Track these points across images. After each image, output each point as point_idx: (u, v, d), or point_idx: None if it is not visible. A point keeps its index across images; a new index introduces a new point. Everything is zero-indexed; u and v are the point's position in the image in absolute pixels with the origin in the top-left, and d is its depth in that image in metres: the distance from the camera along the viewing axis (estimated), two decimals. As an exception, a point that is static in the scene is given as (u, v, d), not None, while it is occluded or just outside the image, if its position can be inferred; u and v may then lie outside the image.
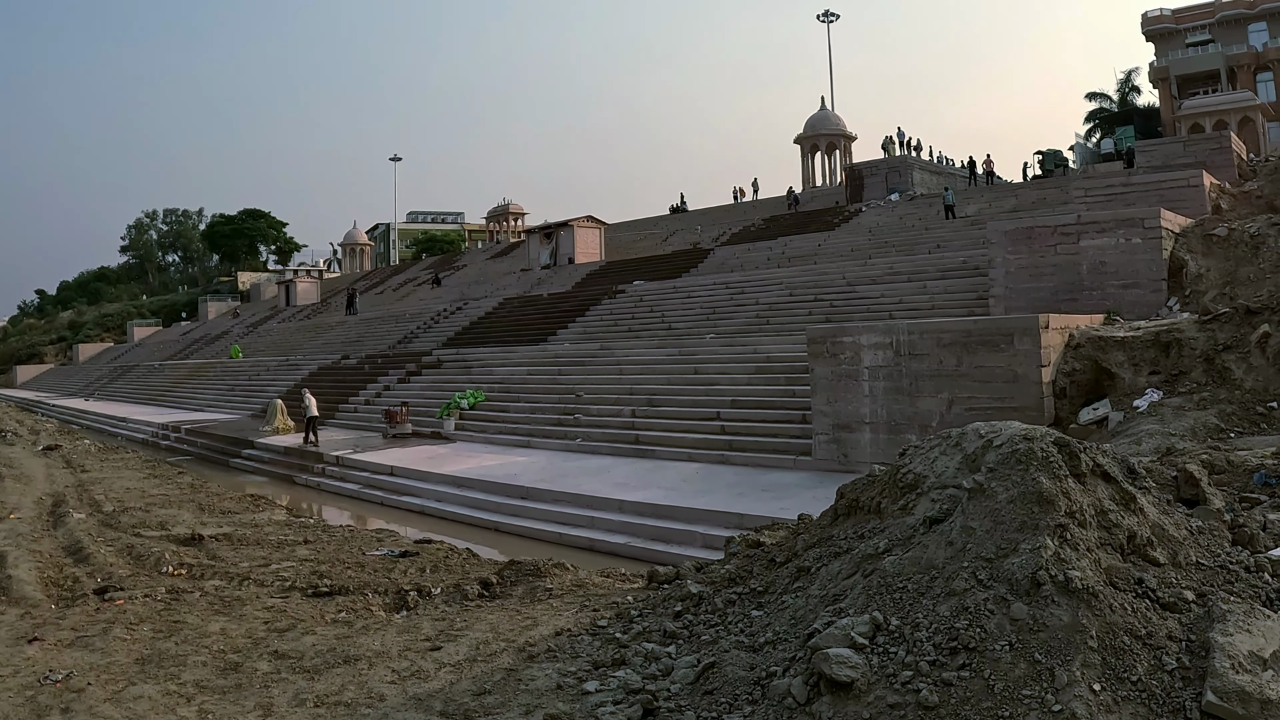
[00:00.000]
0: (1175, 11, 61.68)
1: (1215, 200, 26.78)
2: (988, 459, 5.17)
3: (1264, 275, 20.83)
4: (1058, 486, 4.79)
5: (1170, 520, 5.21)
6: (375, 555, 12.95)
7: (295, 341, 58.72)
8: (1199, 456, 7.36)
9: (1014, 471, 4.94)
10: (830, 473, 17.14)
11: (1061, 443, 5.19)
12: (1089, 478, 5.01)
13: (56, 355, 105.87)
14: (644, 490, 17.06)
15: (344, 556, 12.91)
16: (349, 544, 14.17)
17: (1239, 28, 59.09)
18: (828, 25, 69.78)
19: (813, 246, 39.77)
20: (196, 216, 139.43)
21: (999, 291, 23.42)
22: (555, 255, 56.05)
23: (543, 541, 15.94)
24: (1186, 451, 8.10)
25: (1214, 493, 5.86)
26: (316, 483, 23.81)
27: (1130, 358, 15.72)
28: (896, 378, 16.69)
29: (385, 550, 13.41)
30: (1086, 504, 4.83)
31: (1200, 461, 7.10)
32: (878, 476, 6.03)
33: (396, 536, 15.63)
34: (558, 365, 29.54)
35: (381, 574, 11.46)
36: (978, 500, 4.93)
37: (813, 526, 6.47)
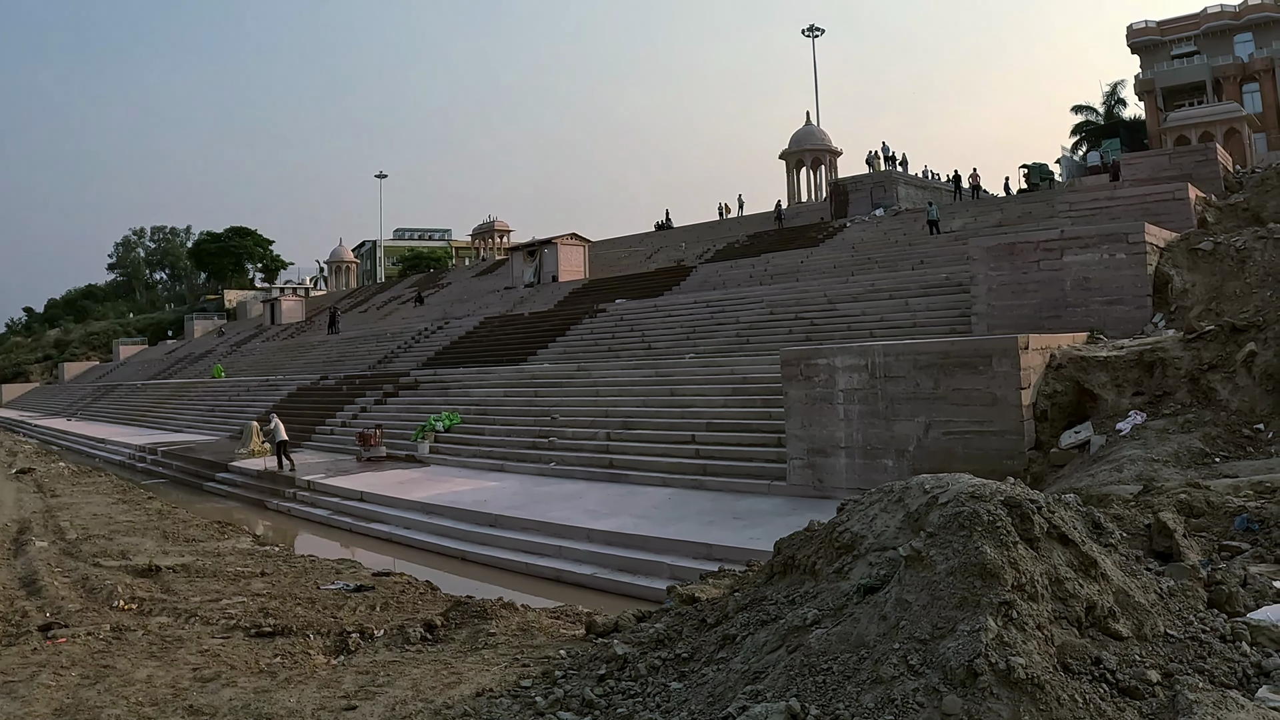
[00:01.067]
0: (1160, 23, 61.44)
1: (1201, 213, 26.31)
2: (930, 520, 4.59)
3: (1250, 290, 20.31)
4: (1004, 556, 4.20)
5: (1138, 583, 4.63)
6: (330, 589, 12.55)
7: (277, 361, 58.22)
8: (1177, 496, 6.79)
9: (956, 538, 4.37)
10: (805, 498, 16.70)
11: (1013, 503, 4.60)
12: (1044, 542, 4.43)
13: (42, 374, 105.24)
14: (614, 518, 16.53)
15: (298, 591, 12.53)
16: (307, 576, 13.81)
17: (1225, 39, 58.86)
18: (813, 40, 69.51)
19: (795, 263, 39.29)
20: (184, 234, 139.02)
21: (981, 309, 22.88)
22: (539, 273, 55.63)
23: (510, 571, 15.55)
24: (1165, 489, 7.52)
25: (1189, 545, 5.28)
26: (287, 508, 23.29)
27: (1113, 378, 15.17)
28: (872, 401, 16.13)
29: (341, 584, 12.93)
30: (1039, 573, 4.24)
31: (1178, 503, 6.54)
32: (816, 532, 5.45)
33: (357, 568, 15.08)
34: (534, 387, 28.94)
35: (330, 612, 11.10)
36: (915, 570, 4.35)
37: (748, 584, 5.89)
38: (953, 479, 4.96)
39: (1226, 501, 6.47)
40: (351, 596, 12.06)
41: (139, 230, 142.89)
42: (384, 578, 13.67)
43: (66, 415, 63.75)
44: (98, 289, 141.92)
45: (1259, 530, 5.77)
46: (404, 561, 16.87)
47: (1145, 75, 58.91)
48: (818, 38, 69.23)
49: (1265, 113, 54.11)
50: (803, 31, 69.03)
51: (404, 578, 13.66)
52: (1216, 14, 59.51)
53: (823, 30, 69.01)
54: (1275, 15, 57.55)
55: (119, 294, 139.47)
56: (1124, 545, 5.17)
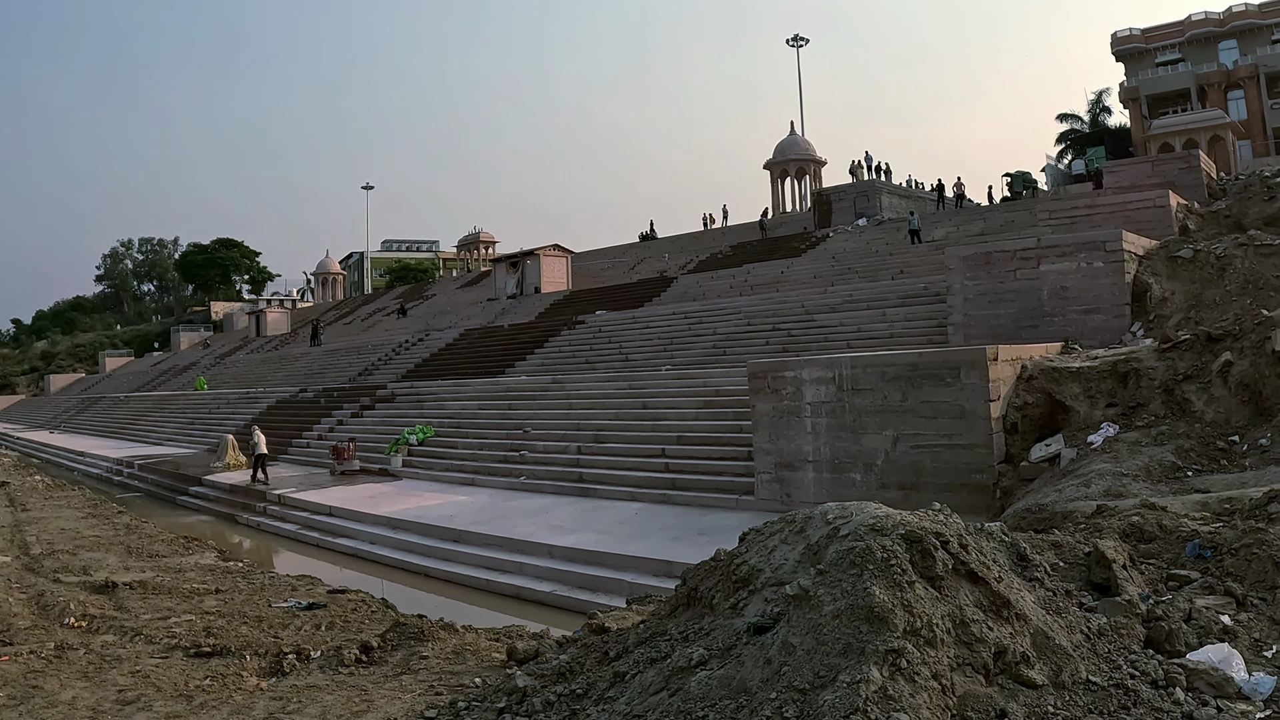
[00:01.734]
0: (1145, 31, 61.23)
1: (1182, 221, 25.97)
2: (828, 555, 4.14)
3: (1230, 298, 19.93)
4: (896, 598, 3.74)
5: (1062, 623, 4.18)
6: (281, 607, 12.21)
7: (260, 373, 57.82)
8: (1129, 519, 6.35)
9: (845, 577, 3.91)
10: (773, 514, 15.99)
11: (914, 537, 4.13)
12: (948, 580, 3.98)
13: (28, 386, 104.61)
14: (577, 534, 16.18)
15: (248, 609, 12.16)
16: (262, 593, 13.45)
17: (1209, 46, 58.70)
18: (797, 50, 69.26)
19: (776, 274, 38.92)
20: (172, 246, 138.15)
21: (957, 319, 22.50)
22: (521, 285, 55.22)
23: (471, 588, 15.33)
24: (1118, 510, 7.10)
25: (1128, 578, 4.81)
26: (257, 522, 23.03)
27: (1086, 389, 14.75)
28: (840, 414, 15.70)
29: (293, 602, 12.53)
30: (940, 615, 3.79)
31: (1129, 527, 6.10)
32: (720, 562, 5.01)
33: (314, 585, 14.56)
34: (508, 399, 28.53)
35: (274, 631, 10.80)
36: (803, 610, 3.89)
37: (651, 617, 5.44)
38: (859, 509, 4.50)
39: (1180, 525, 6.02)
40: (300, 615, 11.77)
41: (127, 242, 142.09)
42: (339, 595, 13.29)
43: (50, 428, 63.48)
44: (85, 301, 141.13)
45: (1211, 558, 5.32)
46: (368, 577, 16.61)
47: (1130, 83, 58.69)
48: (802, 47, 69.06)
49: (1250, 120, 53.90)
50: (787, 41, 68.90)
51: (360, 595, 13.29)
52: (1201, 21, 59.36)
53: (807, 40, 68.86)
54: (1259, 22, 57.47)
55: (107, 306, 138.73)
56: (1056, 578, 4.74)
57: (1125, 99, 59.00)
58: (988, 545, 4.40)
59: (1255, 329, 14.04)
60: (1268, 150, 51.37)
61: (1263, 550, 5.04)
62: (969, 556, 4.12)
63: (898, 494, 14.84)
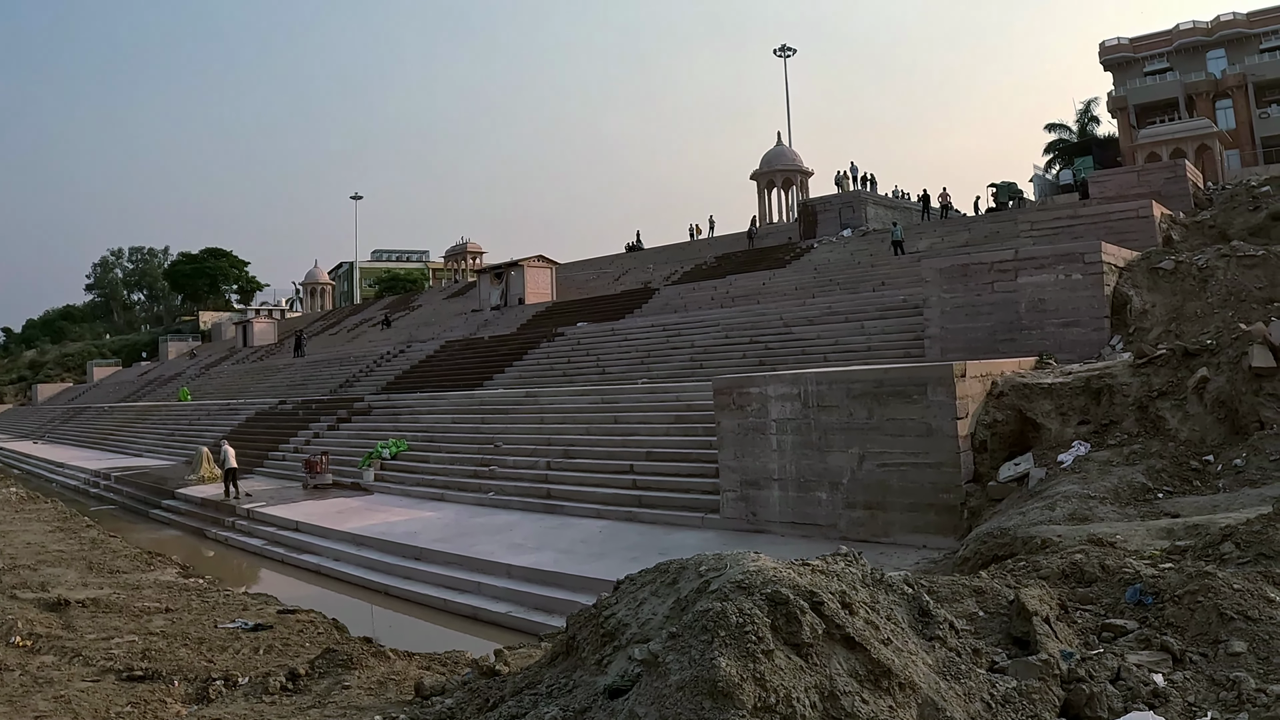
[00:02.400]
0: (1133, 40, 60.83)
1: (1166, 231, 25.52)
2: (687, 615, 3.62)
3: (1211, 310, 19.48)
4: (746, 670, 3.22)
5: (960, 690, 3.65)
6: (227, 628, 11.95)
7: (243, 384, 57.38)
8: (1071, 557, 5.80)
9: (695, 644, 3.40)
10: (738, 533, 15.94)
11: (778, 599, 3.61)
12: (819, 647, 3.47)
13: (16, 395, 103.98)
14: (538, 553, 15.79)
15: (192, 630, 11.86)
16: (213, 612, 13.12)
17: (1197, 55, 58.32)
18: (784, 60, 68.82)
19: (758, 285, 38.47)
20: (163, 255, 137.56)
21: (934, 332, 22.03)
22: (506, 296, 54.80)
23: (428, 607, 15.10)
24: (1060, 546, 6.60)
25: (1048, 633, 4.26)
26: (225, 537, 22.76)
27: (1058, 406, 14.26)
28: (805, 431, 15.21)
29: (240, 623, 12.18)
30: (803, 689, 3.26)
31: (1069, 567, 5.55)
32: (593, 611, 4.51)
33: (267, 604, 14.20)
34: (482, 413, 28.03)
35: (211, 654, 10.54)
36: (652, 678, 3.37)
37: (534, 664, 4.95)
38: (735, 561, 4.00)
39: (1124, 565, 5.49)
40: (243, 637, 11.48)
41: (117, 251, 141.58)
42: (288, 615, 12.97)
43: (35, 437, 63.19)
44: (76, 310, 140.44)
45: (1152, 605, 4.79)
46: (329, 594, 16.47)
47: (1118, 92, 58.31)
48: (789, 58, 68.64)
49: (1239, 129, 53.55)
50: (775, 51, 68.47)
51: (310, 615, 12.99)
52: (1189, 30, 58.99)
53: (794, 50, 68.37)
54: (1247, 31, 57.12)
55: (97, 315, 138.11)
56: (969, 633, 4.23)
57: (1113, 109, 58.61)
58: (884, 600, 3.90)
59: (1232, 344, 13.56)
60: (1256, 160, 51.02)
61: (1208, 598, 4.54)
62: (847, 619, 3.60)
63: (864, 513, 14.38)
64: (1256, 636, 4.41)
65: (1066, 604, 4.92)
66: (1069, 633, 4.55)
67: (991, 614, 4.61)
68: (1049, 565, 5.80)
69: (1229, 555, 5.44)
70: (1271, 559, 5.20)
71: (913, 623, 3.89)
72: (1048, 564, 5.84)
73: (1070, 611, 4.86)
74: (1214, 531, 8.12)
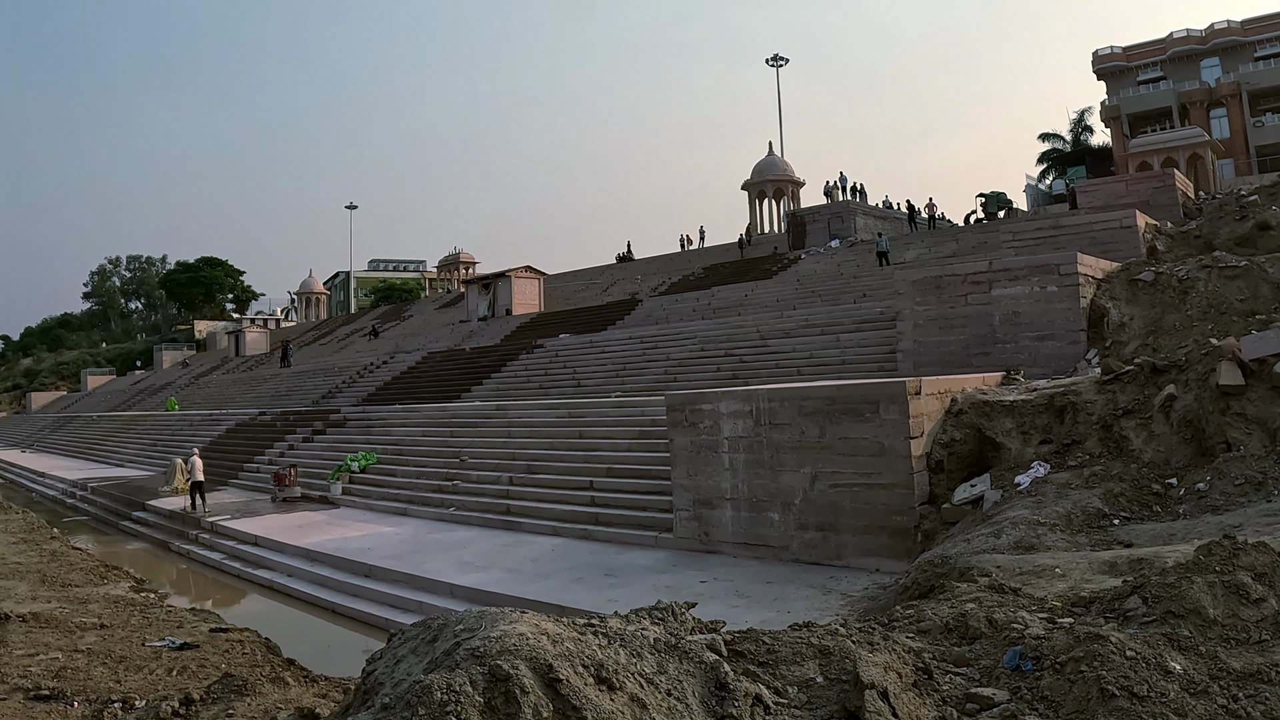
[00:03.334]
0: (1126, 49, 60.19)
1: (1151, 242, 24.85)
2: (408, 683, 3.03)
3: (1191, 323, 18.82)
4: None
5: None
6: (153, 646, 11.76)
7: (229, 394, 56.92)
8: (963, 605, 5.12)
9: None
10: (691, 553, 15.33)
11: (499, 674, 2.99)
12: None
13: (11, 403, 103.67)
14: (485, 572, 15.26)
15: (119, 648, 11.61)
16: (149, 629, 12.92)
17: (1191, 64, 57.68)
18: (777, 70, 68.26)
19: (740, 297, 37.82)
20: (160, 264, 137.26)
21: (907, 345, 21.40)
22: (493, 306, 54.33)
23: (372, 626, 14.44)
24: (957, 594, 5.92)
25: (880, 710, 3.60)
26: (187, 550, 22.27)
27: (1019, 425, 13.60)
28: (757, 449, 14.57)
29: (167, 641, 11.95)
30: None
31: (956, 618, 4.86)
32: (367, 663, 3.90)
33: (205, 620, 14.10)
34: (451, 426, 27.43)
35: (124, 674, 10.42)
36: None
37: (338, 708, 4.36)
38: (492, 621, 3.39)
39: (1014, 621, 4.76)
40: (164, 656, 11.31)
41: (115, 259, 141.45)
42: (220, 634, 12.77)
43: (23, 446, 62.89)
44: (73, 318, 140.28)
45: (1031, 671, 4.13)
46: (278, 609, 16.36)
47: (1111, 101, 57.70)
48: (782, 67, 68.07)
49: (1233, 138, 52.92)
50: (767, 61, 67.88)
51: (242, 634, 12.83)
52: (1183, 39, 58.36)
53: (787, 60, 67.82)
54: (1242, 39, 56.48)
55: (94, 323, 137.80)
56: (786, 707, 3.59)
57: (1107, 118, 57.98)
58: (674, 670, 3.28)
59: (1202, 359, 12.87)
60: (1250, 169, 50.32)
61: (1091, 668, 3.85)
62: (591, 699, 2.96)
63: (816, 535, 13.75)
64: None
65: (933, 667, 4.27)
66: (920, 705, 3.87)
67: (832, 681, 3.96)
68: (934, 616, 5.14)
69: (1134, 612, 4.75)
70: (1181, 619, 4.52)
71: (705, 698, 3.27)
72: (934, 614, 5.18)
73: (936, 676, 4.20)
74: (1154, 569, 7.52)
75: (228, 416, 44.00)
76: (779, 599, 11.87)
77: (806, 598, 11.83)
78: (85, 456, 49.46)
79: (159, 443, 45.18)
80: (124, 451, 46.49)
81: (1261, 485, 10.45)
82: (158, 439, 46.33)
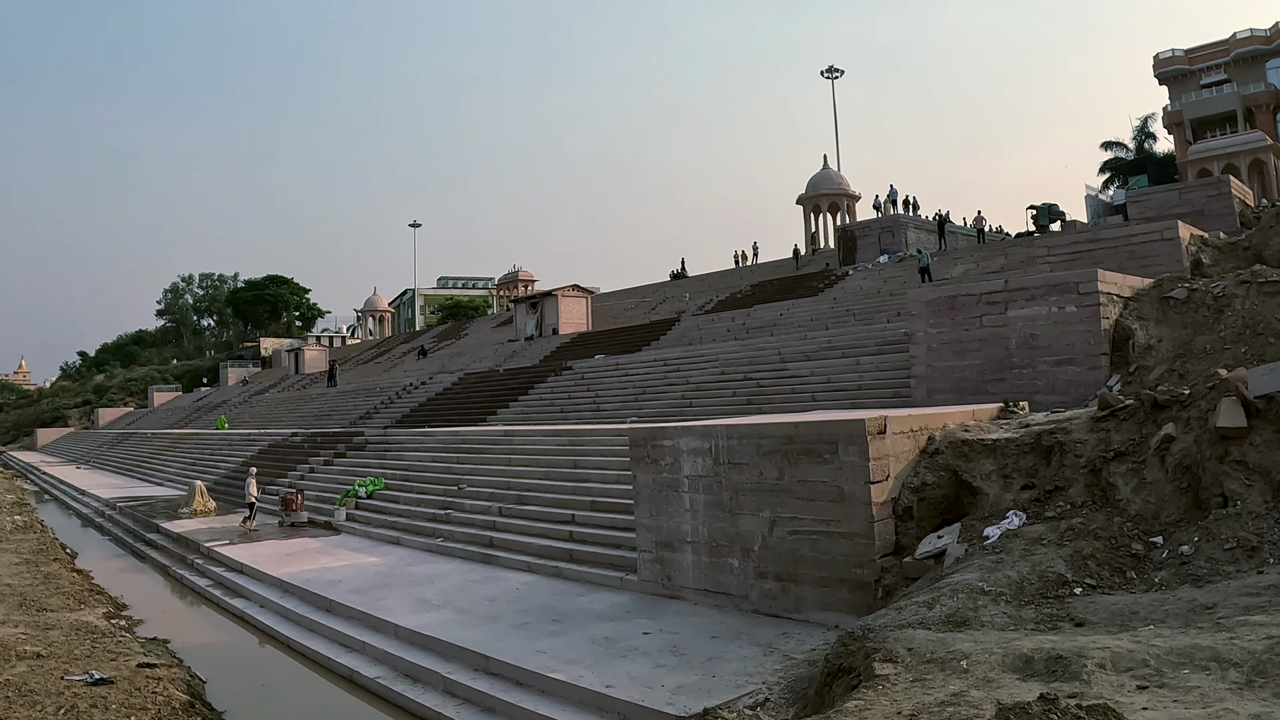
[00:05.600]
0: (1188, 52, 57.45)
1: (1195, 254, 23.09)
2: None
3: (1223, 346, 17.10)
4: None
5: None
6: (70, 680, 11.64)
7: (276, 413, 57.01)
8: None
9: None
10: (654, 597, 14.21)
11: None
12: None
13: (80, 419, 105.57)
14: (436, 612, 14.39)
15: (37, 681, 11.48)
16: (83, 660, 12.73)
17: (1256, 65, 54.75)
18: (832, 81, 66.70)
19: (775, 316, 36.52)
20: (231, 281, 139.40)
21: (920, 370, 19.97)
22: (541, 325, 53.65)
23: (317, 664, 13.91)
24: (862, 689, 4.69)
25: None
26: (181, 575, 21.90)
27: (1000, 467, 12.15)
28: (717, 490, 13.34)
29: (86, 676, 11.75)
30: None
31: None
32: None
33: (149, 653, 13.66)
34: (459, 452, 26.57)
35: (21, 712, 10.33)
36: None
37: None
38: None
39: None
40: (69, 692, 11.16)
41: (187, 277, 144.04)
42: (145, 669, 12.57)
43: (79, 462, 63.87)
44: (148, 335, 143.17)
45: None
46: (236, 642, 16.13)
47: (1174, 107, 55.08)
48: (837, 79, 66.53)
49: (1299, 142, 50.23)
50: (821, 73, 66.42)
51: (171, 672, 12.69)
52: (1246, 39, 55.46)
53: (842, 72, 66.22)
54: (1309, 39, 53.63)
55: (167, 340, 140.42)
56: None
57: (1169, 124, 55.39)
58: None
59: (1207, 394, 11.19)
60: (1320, 175, 47.58)
61: None
62: None
63: (775, 585, 12.49)
64: None
65: None
66: None
67: None
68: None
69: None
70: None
71: None
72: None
73: None
74: (1077, 669, 6.30)
75: (264, 437, 43.93)
76: (714, 659, 10.68)
77: (744, 659, 10.62)
78: (131, 474, 50.02)
79: (198, 462, 45.26)
80: (166, 470, 46.76)
81: (1255, 551, 8.87)
82: (197, 459, 46.42)
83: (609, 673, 10.46)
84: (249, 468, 29.46)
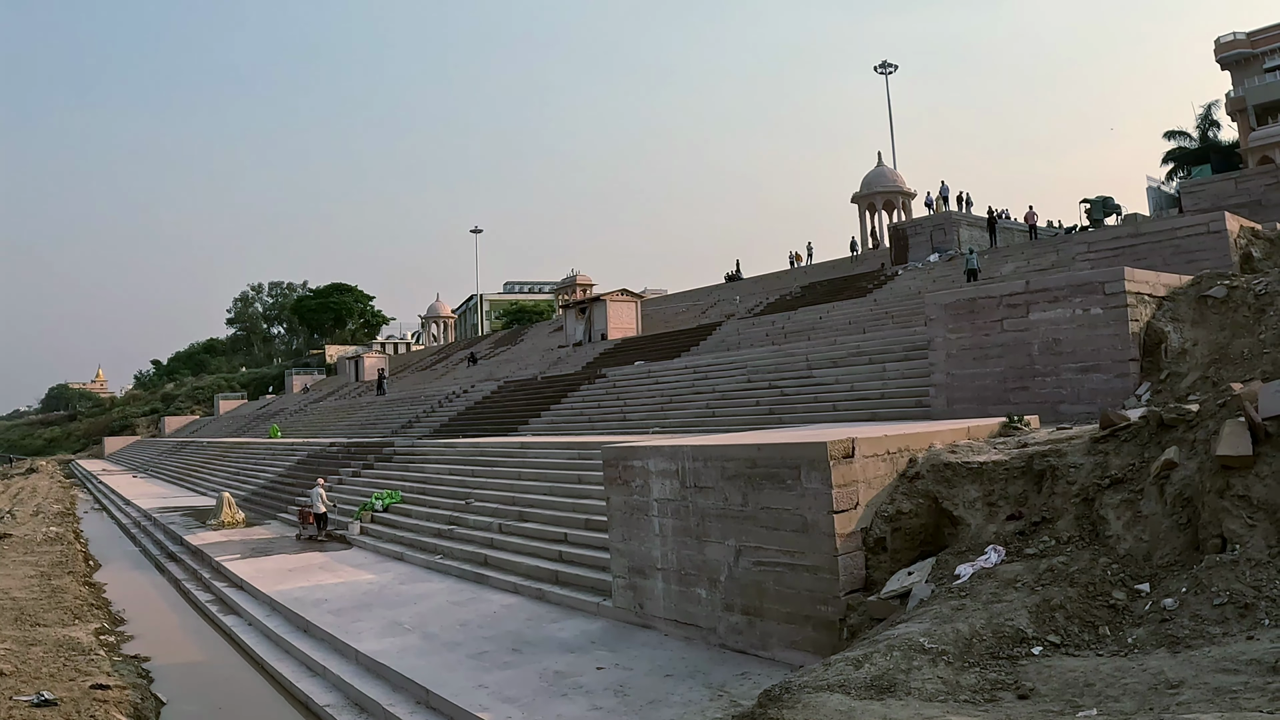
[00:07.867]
0: (1251, 35, 54.42)
1: (1245, 248, 21.52)
2: None
3: (1262, 349, 15.61)
4: None
5: None
6: (19, 700, 11.47)
7: (325, 422, 56.97)
8: None
9: None
10: (626, 625, 13.40)
11: None
12: None
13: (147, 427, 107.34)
14: (403, 637, 13.82)
15: None
16: (46, 680, 12.53)
17: (1322, 47, 52.03)
18: (886, 77, 65.00)
19: (814, 319, 35.29)
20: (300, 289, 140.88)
21: (939, 379, 18.78)
22: (589, 331, 52.87)
23: (280, 688, 13.50)
24: None
25: None
26: (189, 590, 21.52)
27: (986, 494, 10.94)
28: (684, 515, 12.35)
29: (33, 697, 11.56)
30: None
31: None
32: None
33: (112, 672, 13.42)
34: (473, 465, 25.84)
35: None
36: None
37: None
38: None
39: None
40: (13, 714, 11.08)
41: (257, 286, 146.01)
42: (97, 691, 12.32)
43: (137, 471, 64.44)
44: (218, 343, 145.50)
45: None
46: (213, 661, 15.64)
47: (1236, 93, 52.31)
48: (890, 74, 64.81)
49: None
50: (875, 68, 64.75)
51: (122, 694, 12.46)
52: (1315, 17, 52.81)
53: (896, 67, 64.51)
54: (1389, 18, 50.74)
55: (237, 348, 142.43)
56: None
57: (1232, 111, 52.60)
58: None
59: (1216, 412, 9.74)
60: (1393, 163, 44.87)
61: None
62: None
63: (742, 618, 11.48)
64: None
65: None
66: None
67: None
68: None
69: None
70: None
71: None
72: None
73: None
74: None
75: (305, 447, 43.66)
76: (655, 702, 9.80)
77: (687, 704, 9.69)
78: (182, 483, 50.34)
79: (241, 472, 45.35)
80: (212, 480, 46.82)
81: (1249, 610, 7.39)
82: (240, 468, 46.53)
83: (540, 714, 9.73)
84: (316, 479, 28.87)
